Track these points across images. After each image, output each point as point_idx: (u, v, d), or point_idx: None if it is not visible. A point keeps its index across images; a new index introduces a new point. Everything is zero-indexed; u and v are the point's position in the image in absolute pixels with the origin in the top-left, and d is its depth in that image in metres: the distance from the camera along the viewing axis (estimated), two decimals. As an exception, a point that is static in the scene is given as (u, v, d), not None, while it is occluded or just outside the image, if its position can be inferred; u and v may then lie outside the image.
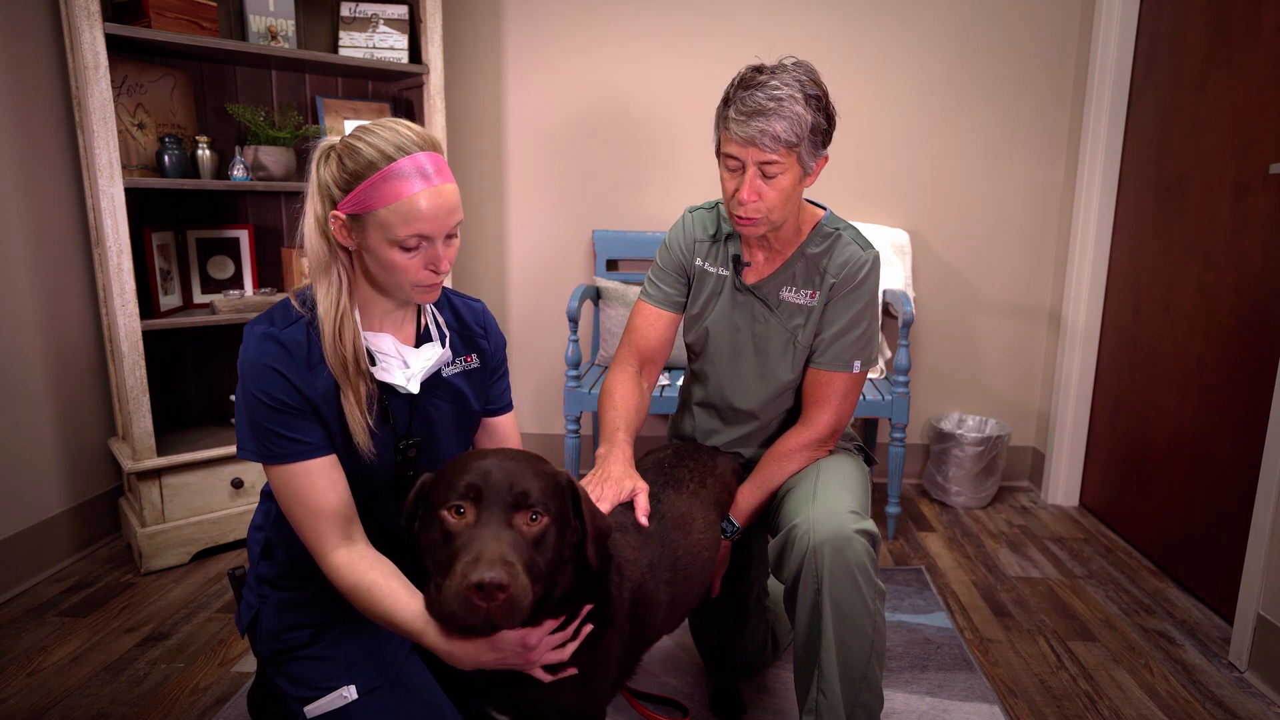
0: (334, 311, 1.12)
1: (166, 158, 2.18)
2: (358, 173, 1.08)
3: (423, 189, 1.07)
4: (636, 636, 1.20)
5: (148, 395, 2.11)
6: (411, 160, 1.08)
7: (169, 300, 2.31)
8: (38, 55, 2.12)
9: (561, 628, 1.06)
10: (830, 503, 1.30)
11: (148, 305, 2.23)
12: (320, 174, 1.11)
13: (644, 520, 1.25)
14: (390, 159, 1.07)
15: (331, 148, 1.12)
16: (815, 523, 1.26)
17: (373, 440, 1.16)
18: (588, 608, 1.08)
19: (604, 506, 1.22)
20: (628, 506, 1.27)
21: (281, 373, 1.10)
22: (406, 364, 1.20)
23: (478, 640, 1.00)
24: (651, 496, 1.32)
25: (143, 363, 2.10)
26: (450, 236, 1.14)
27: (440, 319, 1.29)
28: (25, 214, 2.09)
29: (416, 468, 1.25)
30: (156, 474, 2.16)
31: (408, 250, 1.09)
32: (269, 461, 1.13)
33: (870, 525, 1.28)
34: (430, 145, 1.11)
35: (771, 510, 1.49)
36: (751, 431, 1.58)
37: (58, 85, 2.17)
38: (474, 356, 1.31)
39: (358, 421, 1.14)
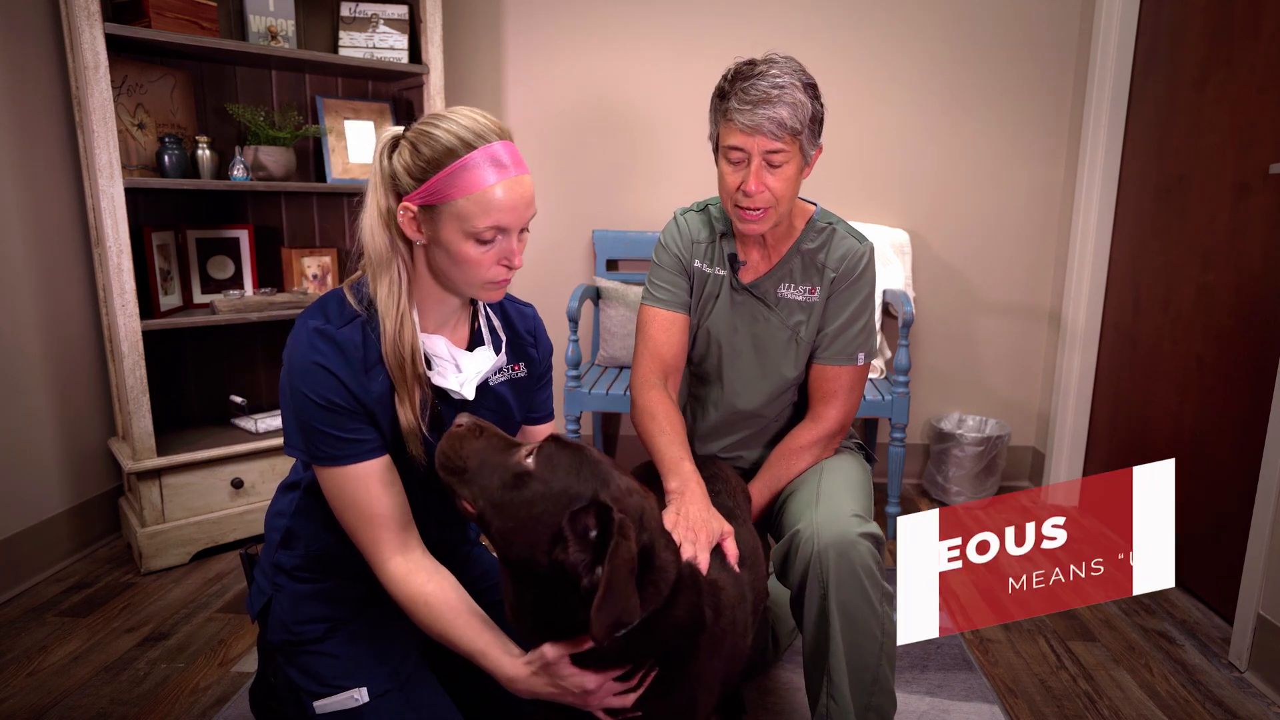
0: (395, 310, 1.08)
1: (166, 158, 2.18)
2: (435, 160, 1.03)
3: (501, 179, 1.04)
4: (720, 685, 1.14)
5: (148, 395, 2.11)
6: (489, 150, 1.04)
7: (169, 300, 2.31)
8: (38, 55, 2.11)
9: (626, 677, 1.00)
10: (833, 507, 1.29)
11: (148, 305, 2.23)
12: (387, 164, 1.07)
13: (736, 566, 1.19)
14: (471, 146, 1.03)
15: (399, 137, 1.07)
16: (819, 528, 1.24)
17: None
18: (654, 671, 1.02)
19: (703, 556, 1.13)
20: (718, 553, 1.19)
21: (334, 373, 1.06)
22: (459, 368, 1.16)
23: (537, 672, 0.99)
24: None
25: (143, 363, 2.10)
26: (523, 230, 1.10)
27: (496, 323, 1.24)
28: (25, 214, 2.09)
29: None
30: (156, 474, 2.16)
31: (483, 243, 1.05)
32: (320, 463, 1.09)
33: (874, 528, 1.26)
34: (506, 134, 1.07)
35: (773, 513, 1.49)
36: (755, 433, 1.57)
37: (58, 85, 2.17)
38: (521, 365, 1.27)
39: (412, 426, 1.09)
